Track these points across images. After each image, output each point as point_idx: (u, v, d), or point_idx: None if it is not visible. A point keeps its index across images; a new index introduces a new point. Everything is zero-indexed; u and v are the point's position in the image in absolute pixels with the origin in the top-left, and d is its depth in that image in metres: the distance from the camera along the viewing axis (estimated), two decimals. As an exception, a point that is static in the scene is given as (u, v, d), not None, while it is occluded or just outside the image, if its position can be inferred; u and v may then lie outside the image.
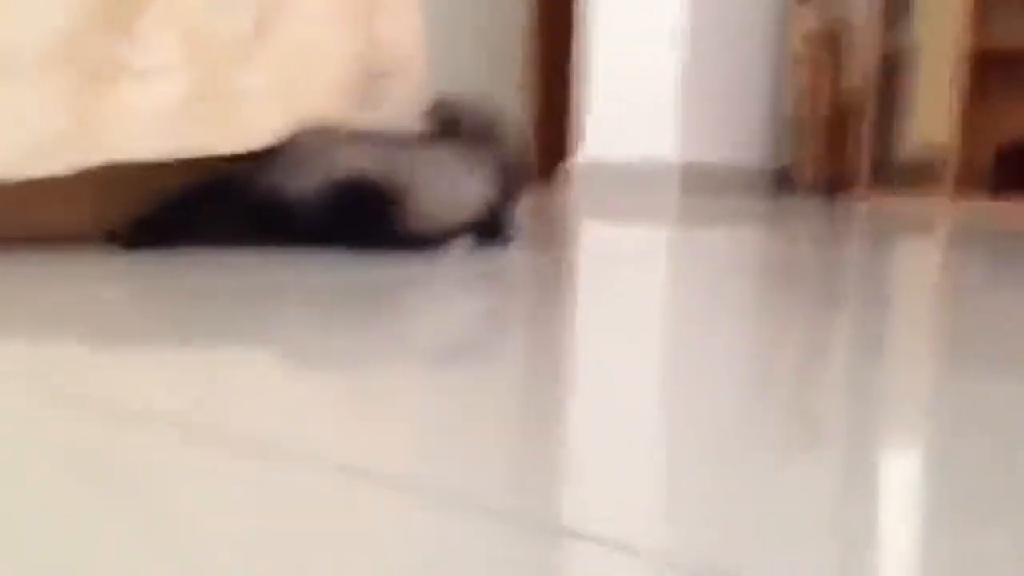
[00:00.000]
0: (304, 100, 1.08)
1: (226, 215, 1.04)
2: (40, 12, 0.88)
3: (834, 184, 3.68)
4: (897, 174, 3.46)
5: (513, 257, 1.09)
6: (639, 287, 0.89)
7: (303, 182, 1.02)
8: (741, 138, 3.70)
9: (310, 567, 0.25)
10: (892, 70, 3.40)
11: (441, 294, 0.80)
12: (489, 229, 1.23)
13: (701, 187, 3.44)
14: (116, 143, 0.92)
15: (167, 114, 0.96)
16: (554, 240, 1.43)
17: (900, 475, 0.35)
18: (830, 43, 3.61)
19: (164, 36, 0.96)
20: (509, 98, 4.98)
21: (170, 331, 0.60)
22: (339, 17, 1.12)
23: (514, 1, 5.00)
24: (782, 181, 3.81)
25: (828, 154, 3.68)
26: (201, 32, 1.00)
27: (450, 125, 1.21)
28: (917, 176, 3.38)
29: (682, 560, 0.26)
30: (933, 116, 3.30)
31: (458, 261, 1.02)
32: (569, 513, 0.30)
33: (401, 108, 1.22)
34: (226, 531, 0.27)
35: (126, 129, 0.93)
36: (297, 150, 1.05)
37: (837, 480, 0.34)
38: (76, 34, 0.89)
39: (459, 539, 0.27)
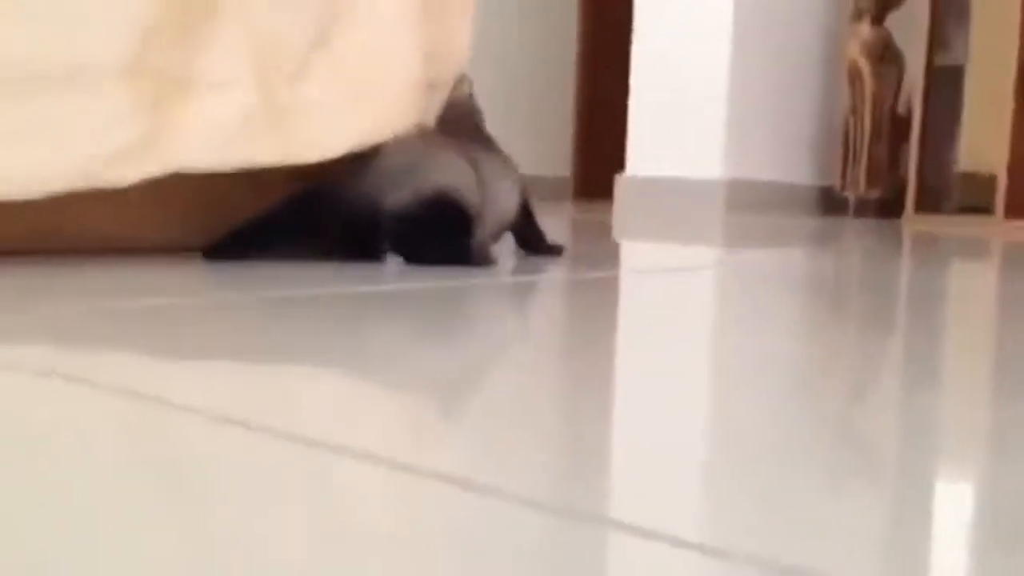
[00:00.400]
0: (373, 108, 1.10)
1: (316, 229, 1.05)
2: (114, 24, 0.91)
3: (883, 203, 3.65)
4: (947, 193, 3.42)
5: (561, 272, 1.10)
6: (686, 304, 0.89)
7: (395, 197, 1.03)
8: (788, 155, 3.69)
9: (363, 558, 0.27)
10: (942, 88, 3.37)
11: (492, 305, 0.81)
12: (526, 234, 1.24)
13: (747, 205, 3.43)
14: (185, 154, 0.95)
15: (235, 125, 0.98)
16: (600, 255, 1.44)
17: (948, 497, 0.35)
18: (881, 61, 3.59)
19: (232, 47, 0.99)
20: (557, 113, 5.00)
21: (242, 340, 0.62)
22: (405, 22, 1.14)
23: (564, 17, 5.02)
24: (830, 199, 3.78)
25: (877, 172, 3.64)
26: (268, 42, 1.02)
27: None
28: (967, 195, 3.34)
29: (727, 549, 0.27)
30: (984, 134, 3.26)
31: (507, 272, 1.04)
32: (616, 507, 0.31)
33: (430, 121, 1.24)
34: (282, 523, 0.29)
35: (195, 140, 0.95)
36: (387, 163, 1.06)
37: (885, 495, 0.34)
38: (148, 46, 0.92)
39: (509, 531, 0.29)
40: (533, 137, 4.77)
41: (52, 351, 0.54)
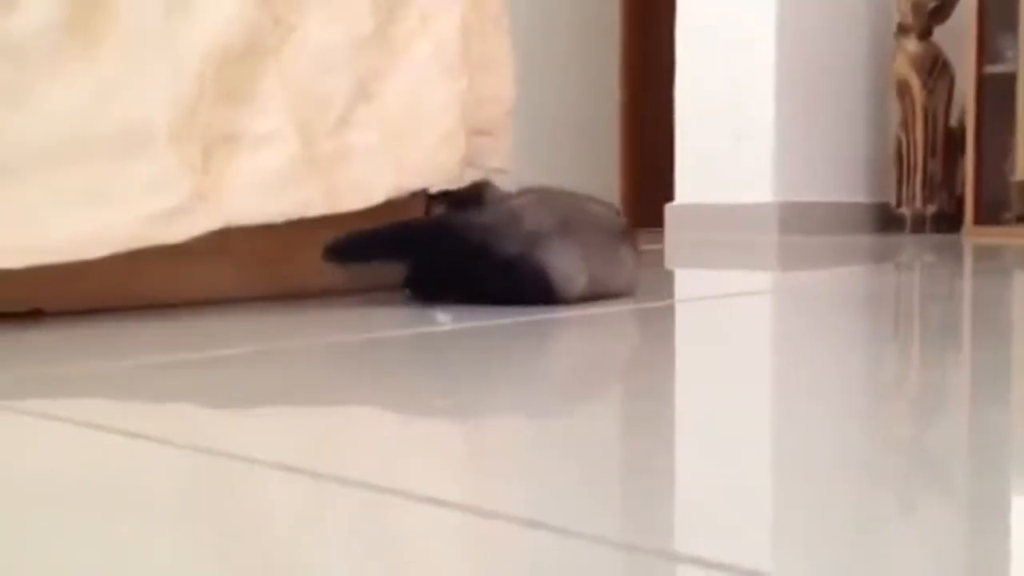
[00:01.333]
0: (414, 155, 1.11)
1: (423, 249, 1.04)
2: (163, 91, 0.94)
3: (940, 217, 3.59)
4: (1005, 204, 3.35)
5: (621, 303, 1.10)
6: (747, 328, 0.89)
7: (507, 245, 1.00)
8: (840, 175, 3.65)
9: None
10: (994, 97, 3.32)
11: (555, 339, 0.81)
12: None
13: (801, 226, 3.40)
14: (234, 208, 0.97)
15: (280, 177, 1.01)
16: (656, 285, 1.44)
17: (1021, 515, 0.35)
18: (930, 75, 3.55)
19: (275, 102, 1.02)
20: (603, 147, 5.01)
21: (302, 386, 0.63)
22: (443, 72, 1.16)
23: (607, 50, 5.05)
24: (886, 216, 3.73)
25: (932, 187, 3.59)
26: (309, 95, 1.05)
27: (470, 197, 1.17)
28: (1026, 207, 3.27)
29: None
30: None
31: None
32: (682, 541, 0.31)
33: (495, 166, 1.25)
34: (350, 568, 0.29)
35: (243, 195, 0.98)
36: (518, 217, 1.03)
37: (955, 517, 0.34)
38: (195, 109, 0.95)
39: (578, 568, 0.29)
40: (579, 172, 4.78)
41: (113, 405, 0.56)
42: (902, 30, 3.60)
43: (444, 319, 0.97)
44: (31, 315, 0.94)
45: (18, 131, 0.86)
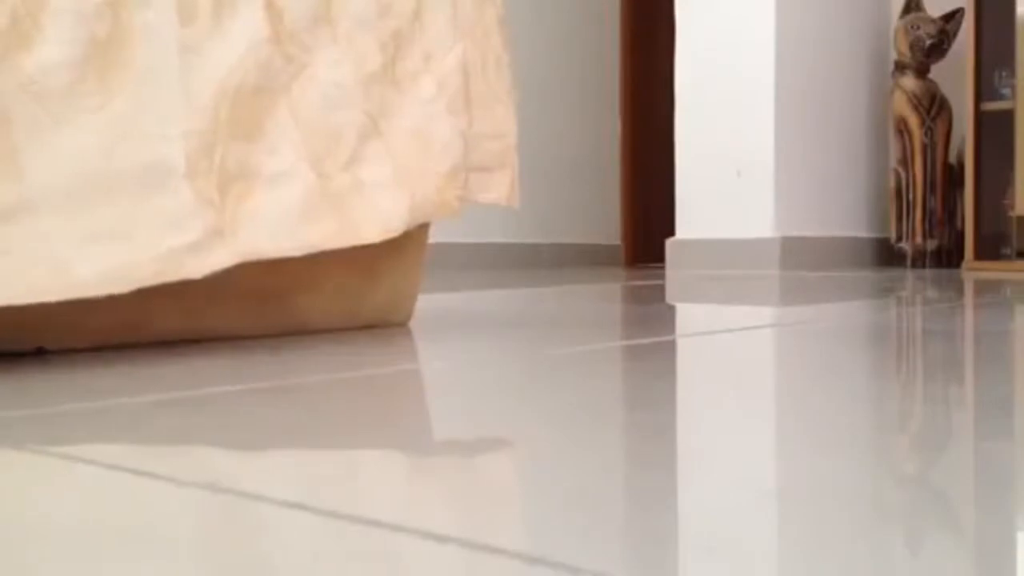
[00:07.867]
0: (426, 187, 1.13)
1: None
2: (182, 122, 0.95)
3: (940, 252, 3.60)
4: (1005, 239, 3.37)
5: (619, 339, 1.11)
6: (751, 363, 0.89)
7: None
8: (840, 210, 3.66)
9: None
10: (992, 134, 3.34)
11: (550, 378, 0.82)
12: None
13: (801, 262, 3.41)
14: (252, 243, 0.98)
15: (296, 211, 1.02)
16: (656, 320, 1.44)
17: (1028, 539, 0.35)
18: (929, 112, 3.57)
19: (288, 138, 1.03)
20: (606, 185, 5.04)
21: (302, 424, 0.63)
22: (446, 105, 1.17)
23: (607, 91, 5.09)
24: (886, 252, 3.74)
25: (932, 222, 3.60)
26: (320, 131, 1.06)
27: None
28: (1027, 241, 3.28)
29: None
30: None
31: (561, 343, 1.04)
32: (702, 579, 0.31)
33: (494, 201, 1.26)
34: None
35: (260, 230, 0.99)
36: None
37: (964, 555, 0.34)
38: (214, 141, 0.96)
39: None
40: (583, 209, 4.81)
41: (119, 442, 0.56)
42: (900, 68, 3.63)
43: None
44: (34, 354, 0.95)
45: (41, 169, 0.87)
